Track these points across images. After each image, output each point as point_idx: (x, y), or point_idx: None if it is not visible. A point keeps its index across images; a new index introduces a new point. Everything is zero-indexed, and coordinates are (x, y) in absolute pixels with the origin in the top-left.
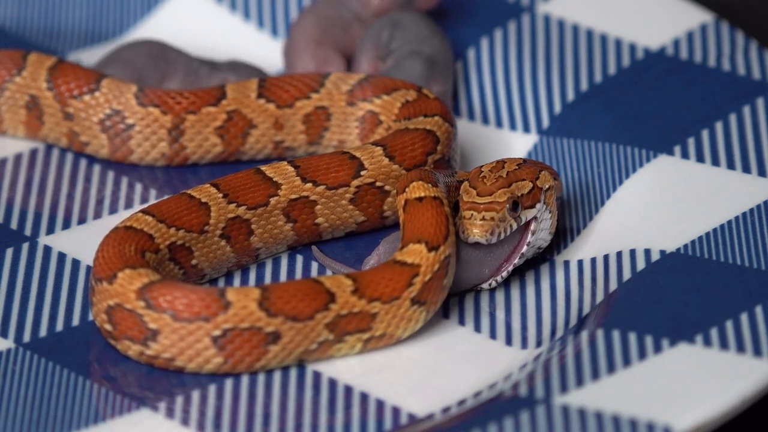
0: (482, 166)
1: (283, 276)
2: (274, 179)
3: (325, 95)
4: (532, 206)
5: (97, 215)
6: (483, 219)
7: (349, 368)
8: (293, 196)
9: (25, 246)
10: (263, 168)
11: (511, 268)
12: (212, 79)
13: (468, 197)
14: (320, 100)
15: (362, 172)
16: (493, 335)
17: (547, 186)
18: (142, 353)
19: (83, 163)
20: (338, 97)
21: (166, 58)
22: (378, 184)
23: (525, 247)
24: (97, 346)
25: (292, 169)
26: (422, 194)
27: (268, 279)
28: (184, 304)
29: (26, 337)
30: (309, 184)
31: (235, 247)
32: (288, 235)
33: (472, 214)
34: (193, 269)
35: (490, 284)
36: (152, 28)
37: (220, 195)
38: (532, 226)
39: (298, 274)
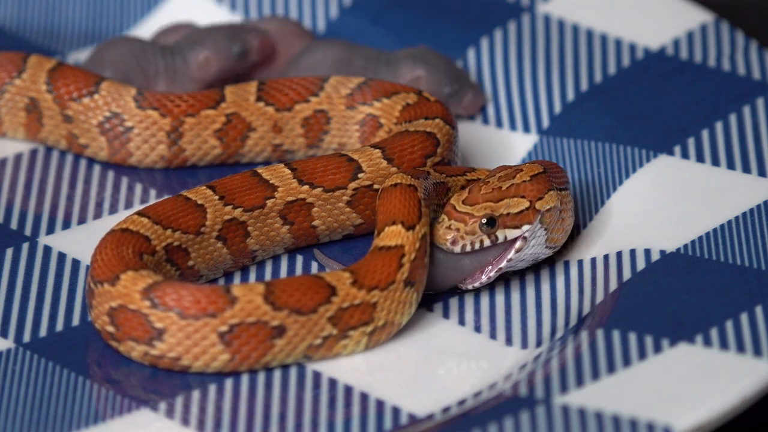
0: (501, 169)
1: (283, 275)
2: (271, 181)
3: (325, 99)
4: (518, 227)
5: (97, 216)
6: (449, 228)
7: (349, 368)
8: (290, 199)
9: (25, 246)
10: (260, 170)
11: (484, 279)
12: (188, 64)
13: (454, 199)
14: (319, 103)
15: (360, 175)
16: (493, 335)
17: (548, 207)
18: (147, 354)
19: (83, 164)
20: (338, 101)
21: (146, 57)
22: (376, 186)
23: (504, 263)
24: (97, 347)
25: (289, 171)
26: (397, 181)
27: (268, 279)
28: (191, 301)
29: (26, 337)
30: (306, 187)
31: (232, 249)
32: (285, 237)
33: (443, 219)
34: (190, 270)
35: (465, 288)
36: (152, 28)
37: (216, 197)
38: (517, 245)
39: (298, 274)
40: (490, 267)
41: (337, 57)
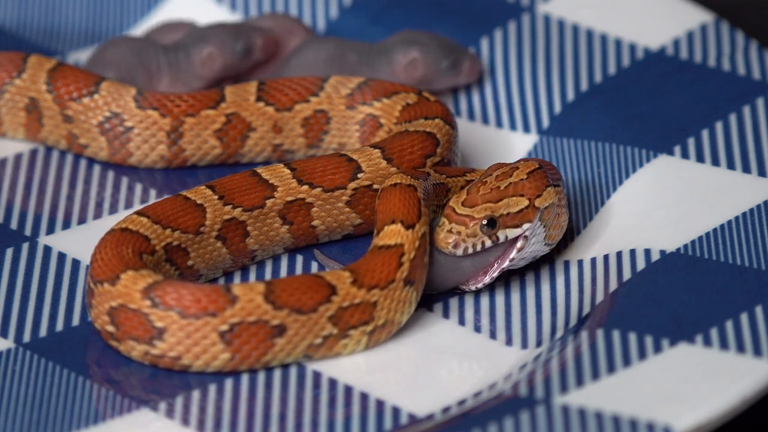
0: (497, 168)
1: (283, 275)
2: (270, 181)
3: (325, 99)
4: (518, 226)
5: (97, 216)
6: (449, 231)
7: (349, 368)
8: (289, 199)
9: (25, 246)
10: (259, 170)
11: (487, 280)
12: (191, 61)
13: (453, 201)
14: (319, 103)
15: (359, 175)
16: (493, 335)
17: (547, 204)
18: (147, 353)
19: (83, 164)
20: (338, 101)
21: (148, 54)
22: (375, 186)
23: (507, 263)
24: (97, 347)
25: (289, 171)
26: (397, 181)
27: (268, 278)
28: (191, 300)
29: (26, 337)
30: (305, 187)
31: (231, 248)
32: (284, 237)
33: (444, 222)
34: (189, 270)
35: (467, 289)
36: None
37: (216, 197)
38: (519, 244)
39: (298, 273)
40: (492, 267)
41: (329, 54)
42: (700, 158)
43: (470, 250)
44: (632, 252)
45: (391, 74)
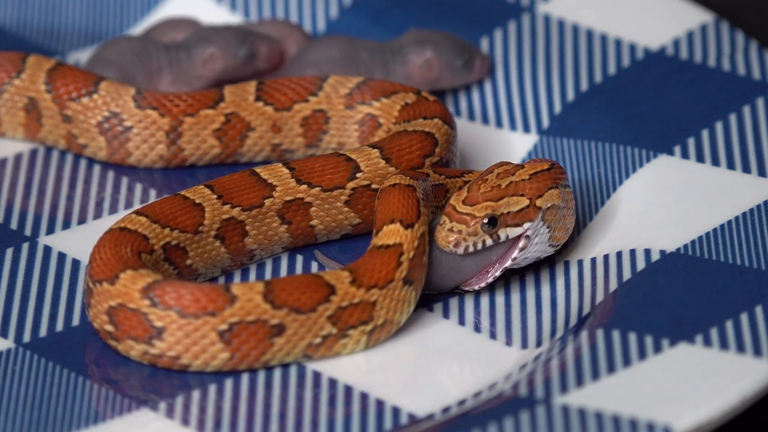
0: (499, 165)
1: (282, 275)
2: (269, 181)
3: (324, 98)
4: (519, 225)
5: (97, 216)
6: (450, 230)
7: (349, 367)
8: (288, 198)
9: (25, 246)
10: (258, 169)
11: (489, 279)
12: (193, 60)
13: (454, 199)
14: (318, 103)
15: (358, 174)
16: (493, 335)
17: (549, 205)
18: (146, 353)
19: (83, 164)
20: (337, 101)
21: (149, 53)
22: (374, 186)
23: (509, 262)
24: (96, 347)
25: (287, 170)
26: (396, 182)
27: (268, 278)
28: (190, 300)
29: (26, 337)
30: (304, 186)
31: (230, 248)
32: (283, 236)
33: (444, 221)
34: (188, 269)
35: (469, 289)
36: None
37: (215, 196)
38: (521, 243)
39: (298, 273)
40: (493, 267)
41: (342, 52)
42: (700, 158)
43: (471, 249)
44: (632, 252)
45: (406, 74)
